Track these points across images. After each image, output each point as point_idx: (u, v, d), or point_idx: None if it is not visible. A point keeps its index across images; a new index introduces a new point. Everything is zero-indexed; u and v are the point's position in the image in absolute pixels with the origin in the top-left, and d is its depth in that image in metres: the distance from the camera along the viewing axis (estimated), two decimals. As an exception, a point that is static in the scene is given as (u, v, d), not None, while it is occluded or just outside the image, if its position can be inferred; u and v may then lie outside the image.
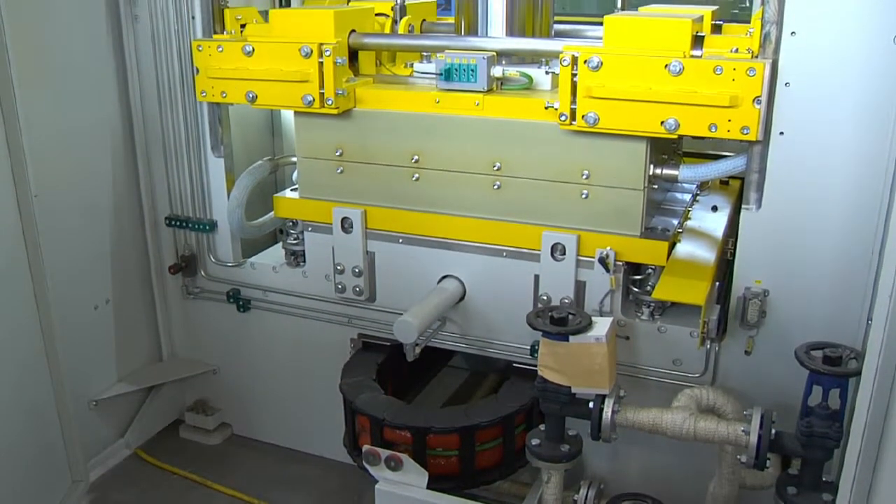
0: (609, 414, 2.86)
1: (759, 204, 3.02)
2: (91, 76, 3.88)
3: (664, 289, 3.11)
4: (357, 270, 3.70)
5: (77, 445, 3.81)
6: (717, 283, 3.19)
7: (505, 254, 3.45)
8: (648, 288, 3.31)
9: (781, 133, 2.89)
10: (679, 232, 3.41)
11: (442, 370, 4.18)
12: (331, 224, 3.67)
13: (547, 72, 3.40)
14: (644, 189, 3.16)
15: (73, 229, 3.88)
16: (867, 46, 2.71)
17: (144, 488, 4.13)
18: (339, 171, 3.62)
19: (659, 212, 3.53)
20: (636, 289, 3.39)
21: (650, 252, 3.23)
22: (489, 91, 3.32)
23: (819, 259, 2.98)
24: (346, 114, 3.52)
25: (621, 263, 3.26)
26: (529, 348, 3.49)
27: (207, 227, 4.13)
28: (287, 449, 4.39)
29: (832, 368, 2.63)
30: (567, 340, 2.86)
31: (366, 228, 3.64)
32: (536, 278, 3.39)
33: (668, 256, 3.23)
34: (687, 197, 3.79)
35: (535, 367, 2.99)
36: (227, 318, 4.26)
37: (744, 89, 2.81)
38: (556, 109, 3.09)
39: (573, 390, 2.92)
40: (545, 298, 3.37)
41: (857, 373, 2.43)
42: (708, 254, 3.35)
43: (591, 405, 2.89)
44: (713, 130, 2.89)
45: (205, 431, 4.48)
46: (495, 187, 3.37)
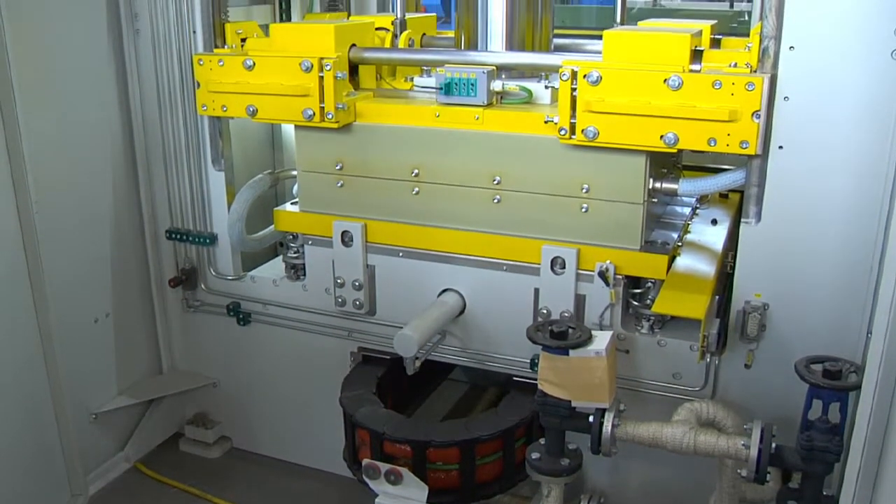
0: (609, 428, 2.85)
1: (759, 217, 3.02)
2: (92, 89, 3.89)
3: (664, 302, 3.11)
4: (357, 284, 3.70)
5: (76, 459, 3.81)
6: (717, 297, 3.19)
7: (505, 267, 3.45)
8: (648, 301, 3.31)
9: (780, 147, 2.90)
10: (679, 245, 3.41)
11: (442, 384, 4.16)
12: (331, 237, 3.68)
13: (546, 86, 3.40)
14: (644, 203, 3.16)
15: (74, 242, 3.87)
16: (866, 61, 2.72)
17: (144, 502, 4.11)
18: (340, 185, 3.63)
19: (659, 225, 3.53)
20: (636, 302, 3.38)
21: (650, 266, 3.23)
22: (489, 105, 3.33)
23: (819, 273, 2.98)
24: (347, 128, 3.52)
25: (621, 277, 3.26)
26: (529, 362, 3.48)
27: (208, 241, 4.13)
28: (287, 462, 4.38)
29: (832, 382, 2.62)
30: (567, 354, 2.86)
31: (366, 242, 3.64)
32: (536, 292, 3.39)
33: (668, 270, 3.23)
34: (686, 210, 3.79)
35: (535, 381, 2.98)
36: (228, 332, 4.26)
37: (743, 103, 2.82)
38: (556, 123, 3.10)
39: (573, 404, 2.92)
40: (545, 312, 3.37)
41: (857, 386, 2.43)
42: (708, 267, 3.35)
43: (591, 419, 2.88)
44: (712, 144, 2.90)
45: (205, 445, 4.47)
46: (495, 201, 3.37)
